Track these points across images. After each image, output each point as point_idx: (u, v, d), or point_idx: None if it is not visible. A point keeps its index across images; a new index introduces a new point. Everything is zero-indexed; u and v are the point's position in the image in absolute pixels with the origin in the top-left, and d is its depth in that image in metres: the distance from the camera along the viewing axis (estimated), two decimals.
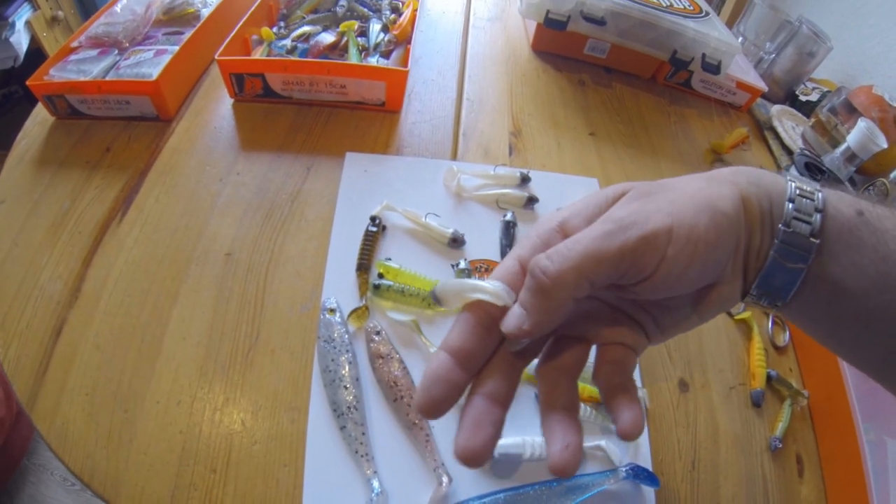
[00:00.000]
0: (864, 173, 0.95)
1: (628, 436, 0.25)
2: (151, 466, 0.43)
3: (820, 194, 0.27)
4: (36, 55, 1.38)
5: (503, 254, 0.58)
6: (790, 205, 0.27)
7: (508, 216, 0.61)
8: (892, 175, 0.86)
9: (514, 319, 0.25)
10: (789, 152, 0.93)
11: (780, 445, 0.54)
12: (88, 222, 0.57)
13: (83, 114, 0.67)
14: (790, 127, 1.00)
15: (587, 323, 0.28)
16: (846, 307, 0.26)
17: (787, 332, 0.64)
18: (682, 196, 0.26)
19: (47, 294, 0.51)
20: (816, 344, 0.30)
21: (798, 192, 0.27)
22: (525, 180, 0.66)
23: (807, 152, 0.89)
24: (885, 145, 0.81)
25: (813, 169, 0.78)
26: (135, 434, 0.44)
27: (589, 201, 0.28)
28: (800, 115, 1.04)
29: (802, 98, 1.08)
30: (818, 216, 0.26)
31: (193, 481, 0.43)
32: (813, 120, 0.97)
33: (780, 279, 0.27)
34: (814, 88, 1.09)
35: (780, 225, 0.26)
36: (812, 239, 0.26)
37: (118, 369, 0.47)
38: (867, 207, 0.27)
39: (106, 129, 0.67)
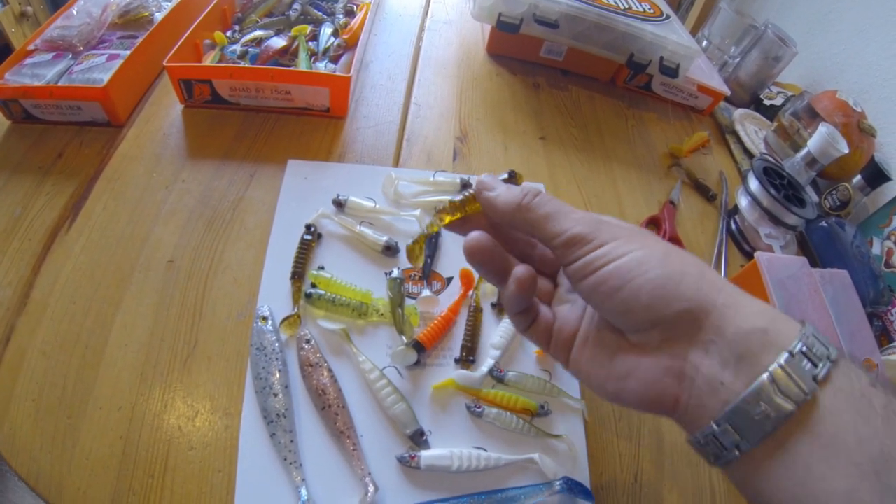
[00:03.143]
0: (827, 178, 0.97)
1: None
2: (93, 471, 0.44)
3: (835, 350, 0.26)
4: (3, 51, 1.37)
5: (425, 264, 0.60)
6: (800, 339, 0.25)
7: None
8: (854, 180, 0.88)
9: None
10: (751, 156, 0.95)
11: None
12: (39, 229, 0.59)
13: (37, 118, 0.68)
14: (753, 131, 1.01)
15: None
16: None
17: None
18: (664, 249, 0.29)
19: None
20: None
21: (813, 335, 0.26)
22: (466, 186, 0.67)
23: (767, 156, 0.90)
24: (847, 150, 0.82)
25: (771, 173, 0.80)
26: (78, 439, 0.46)
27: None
28: (764, 119, 1.05)
29: (767, 102, 1.09)
30: (828, 365, 0.25)
31: (132, 486, 0.44)
32: (775, 124, 0.98)
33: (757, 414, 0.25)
34: (779, 93, 1.11)
35: (783, 353, 0.25)
36: (814, 381, 0.24)
37: (63, 375, 0.49)
38: (880, 382, 0.25)
39: (59, 134, 0.68)
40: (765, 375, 0.25)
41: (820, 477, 0.24)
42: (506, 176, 0.33)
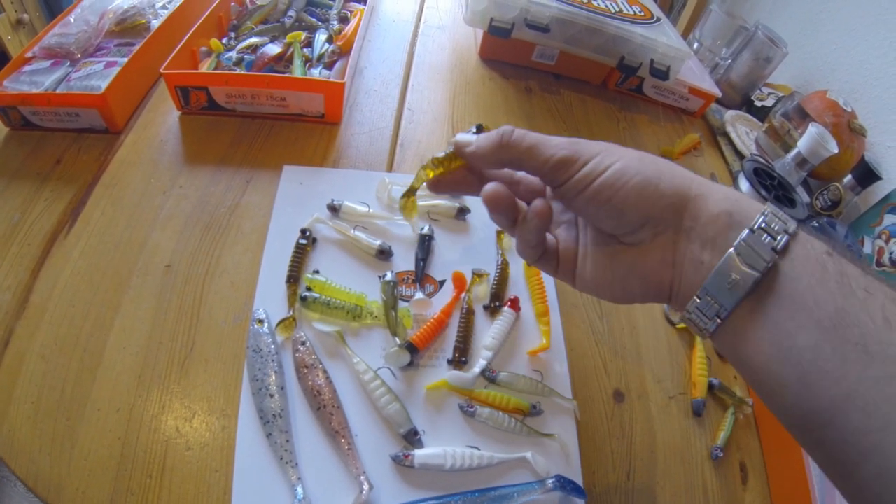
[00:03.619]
0: (818, 178, 0.97)
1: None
2: (92, 472, 0.45)
3: (794, 224, 0.29)
4: (0, 58, 1.38)
5: (418, 267, 0.61)
6: (761, 217, 0.29)
7: (425, 229, 0.63)
8: (845, 180, 0.89)
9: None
10: (742, 157, 0.95)
11: (721, 455, 0.56)
12: (37, 234, 0.59)
13: (36, 125, 0.69)
14: (744, 132, 1.02)
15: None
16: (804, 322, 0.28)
17: None
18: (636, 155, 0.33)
19: None
20: None
21: (772, 213, 0.29)
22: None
23: (757, 157, 0.91)
24: (836, 150, 0.83)
25: (762, 174, 0.80)
26: (76, 440, 0.46)
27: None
28: (755, 120, 1.06)
29: (758, 103, 1.10)
30: (786, 237, 0.29)
31: (131, 486, 0.45)
32: (766, 125, 0.99)
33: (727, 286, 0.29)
34: (770, 94, 1.12)
35: (744, 230, 0.29)
36: (774, 252, 0.28)
37: (62, 378, 0.50)
38: (836, 250, 0.29)
39: (57, 141, 0.69)
40: (731, 250, 0.29)
41: (787, 334, 0.27)
42: (474, 130, 0.37)
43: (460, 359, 0.55)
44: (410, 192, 0.41)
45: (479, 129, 0.38)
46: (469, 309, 0.59)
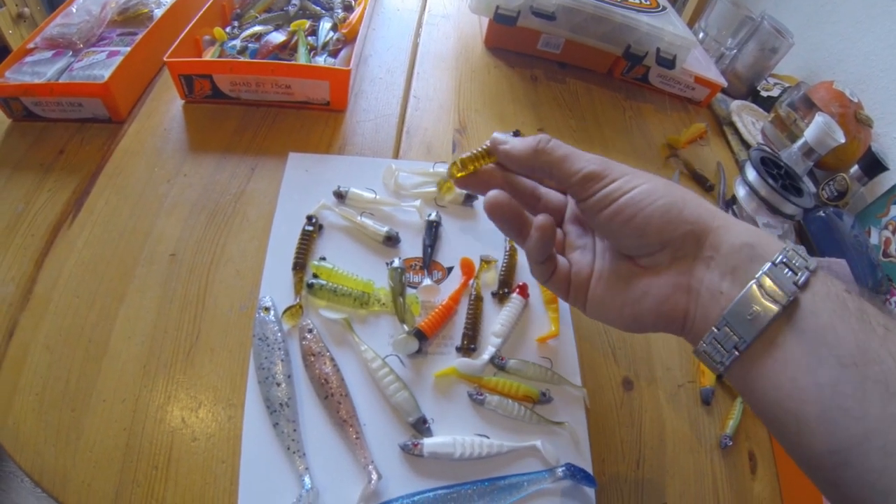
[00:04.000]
0: (824, 168, 0.97)
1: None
2: (97, 463, 0.45)
3: (814, 262, 0.29)
4: (1, 52, 1.38)
5: (425, 253, 0.60)
6: (782, 253, 0.29)
7: (432, 215, 0.63)
8: (851, 170, 0.88)
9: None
10: (748, 147, 0.95)
11: (731, 443, 0.55)
12: (41, 224, 0.59)
13: (38, 116, 0.68)
14: (750, 122, 1.01)
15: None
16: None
17: None
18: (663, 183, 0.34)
19: (0, 297, 0.53)
20: None
21: (793, 250, 0.29)
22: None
23: (764, 147, 0.90)
24: (843, 140, 0.82)
25: (769, 163, 0.80)
26: (82, 432, 0.46)
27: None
28: (760, 110, 1.06)
29: (764, 93, 1.10)
30: (807, 273, 0.28)
31: (136, 478, 0.44)
32: (772, 115, 0.98)
33: (746, 317, 0.29)
34: (775, 84, 1.11)
35: (767, 263, 0.29)
36: (795, 286, 0.28)
37: (66, 369, 0.49)
38: (854, 290, 0.29)
39: (60, 131, 0.68)
40: (753, 282, 0.29)
41: (808, 370, 0.27)
42: (512, 133, 0.39)
43: (469, 346, 0.55)
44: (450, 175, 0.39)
45: (516, 135, 0.39)
46: (477, 295, 0.58)
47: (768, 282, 0.28)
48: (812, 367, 0.27)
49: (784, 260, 0.29)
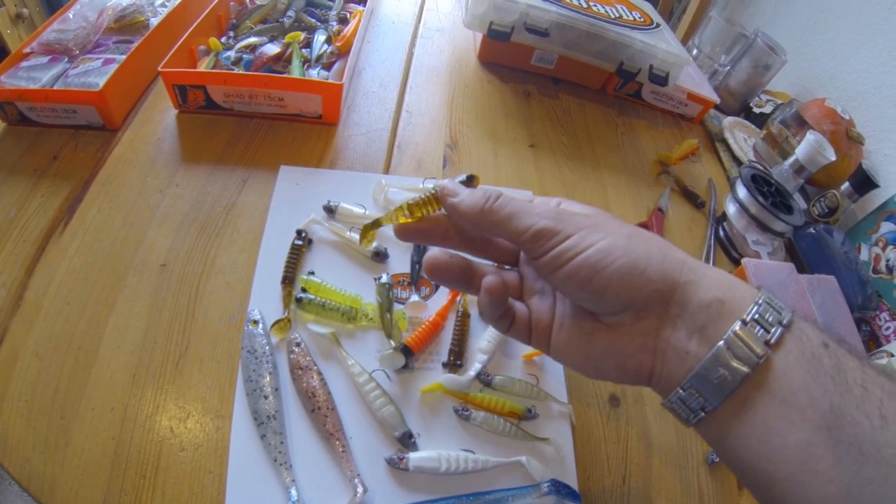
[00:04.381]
0: (815, 185, 0.98)
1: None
2: (85, 471, 0.45)
3: (789, 313, 0.28)
4: None
5: (413, 269, 0.61)
6: (754, 307, 0.28)
7: None
8: (842, 187, 0.89)
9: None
10: (740, 164, 0.96)
11: (717, 460, 0.56)
12: (33, 231, 0.59)
13: (33, 121, 0.69)
14: (742, 139, 1.02)
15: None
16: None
17: None
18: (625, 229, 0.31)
19: None
20: None
21: (766, 302, 0.28)
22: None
23: (755, 164, 0.91)
24: (834, 158, 0.83)
25: (760, 181, 0.81)
26: (70, 439, 0.46)
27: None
28: (753, 126, 1.06)
29: (756, 110, 1.10)
30: (780, 330, 0.27)
31: (124, 486, 0.44)
32: (764, 132, 0.99)
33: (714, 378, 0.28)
34: (768, 101, 1.12)
35: (737, 322, 0.27)
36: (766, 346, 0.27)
37: (56, 376, 0.49)
38: (833, 341, 0.27)
39: (54, 137, 0.68)
40: (721, 343, 0.27)
41: (778, 433, 0.26)
42: (464, 178, 0.35)
43: (455, 362, 0.55)
44: (375, 224, 0.37)
45: (470, 180, 0.36)
46: (464, 312, 0.59)
47: (738, 342, 0.27)
48: (782, 431, 0.26)
49: (756, 317, 0.27)
